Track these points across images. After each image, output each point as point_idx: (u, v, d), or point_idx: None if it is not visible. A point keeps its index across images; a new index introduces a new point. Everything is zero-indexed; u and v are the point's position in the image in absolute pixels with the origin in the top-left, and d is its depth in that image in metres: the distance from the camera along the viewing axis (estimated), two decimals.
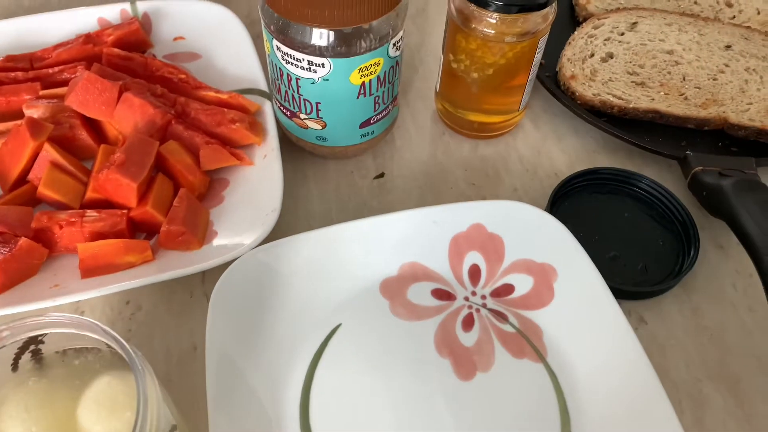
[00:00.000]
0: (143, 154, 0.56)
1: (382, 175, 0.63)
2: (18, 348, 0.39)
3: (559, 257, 0.53)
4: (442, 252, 0.55)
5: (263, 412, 0.47)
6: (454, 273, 0.55)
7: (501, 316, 0.53)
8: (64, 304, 0.52)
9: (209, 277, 0.56)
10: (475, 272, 0.55)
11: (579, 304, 0.51)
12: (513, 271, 0.54)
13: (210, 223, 0.57)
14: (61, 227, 0.54)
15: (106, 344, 0.40)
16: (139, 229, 0.56)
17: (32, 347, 0.39)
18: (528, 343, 0.51)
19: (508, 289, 0.54)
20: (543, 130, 0.67)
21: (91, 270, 0.53)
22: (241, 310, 0.50)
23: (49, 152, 0.57)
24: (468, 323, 0.53)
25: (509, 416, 0.48)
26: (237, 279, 0.50)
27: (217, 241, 0.55)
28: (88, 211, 0.55)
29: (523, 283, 0.54)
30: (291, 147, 0.63)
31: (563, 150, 0.66)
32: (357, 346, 0.51)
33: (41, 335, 0.38)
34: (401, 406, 0.48)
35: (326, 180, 0.63)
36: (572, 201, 0.59)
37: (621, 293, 0.54)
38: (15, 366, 0.40)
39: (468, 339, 0.51)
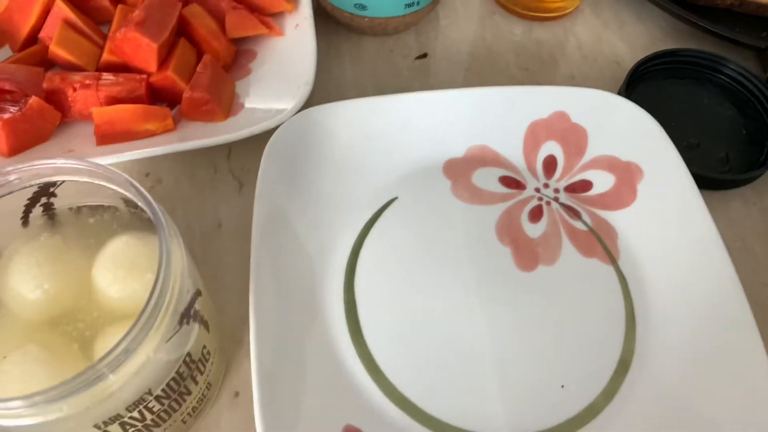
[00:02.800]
0: (164, 14, 0.52)
1: (424, 56, 0.58)
2: (28, 199, 0.36)
3: (648, 158, 0.48)
4: (516, 138, 0.51)
5: (308, 269, 0.45)
6: (526, 162, 0.51)
7: (573, 213, 0.49)
8: None
9: (236, 152, 0.52)
10: (550, 164, 0.51)
11: (664, 209, 0.47)
12: (593, 167, 0.50)
13: (236, 95, 0.53)
14: (75, 90, 0.50)
15: (124, 201, 0.37)
16: (159, 98, 0.52)
17: (43, 200, 0.36)
18: (600, 244, 0.48)
19: (585, 185, 0.50)
20: (603, 16, 0.61)
21: (107, 136, 0.49)
22: (295, 166, 0.48)
23: (61, 8, 0.53)
24: (536, 215, 0.49)
25: (569, 313, 0.45)
26: (293, 134, 0.48)
27: (243, 114, 0.51)
28: (105, 74, 0.51)
29: (602, 181, 0.50)
30: (324, 20, 0.58)
31: (625, 38, 0.60)
32: (412, 221, 0.48)
33: (53, 185, 0.35)
34: (452, 284, 0.46)
35: (362, 58, 0.58)
36: (647, 85, 0.54)
37: (701, 181, 0.49)
38: (25, 220, 0.37)
39: (534, 230, 0.48)
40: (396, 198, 0.50)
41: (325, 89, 0.55)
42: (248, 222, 0.49)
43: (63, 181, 0.35)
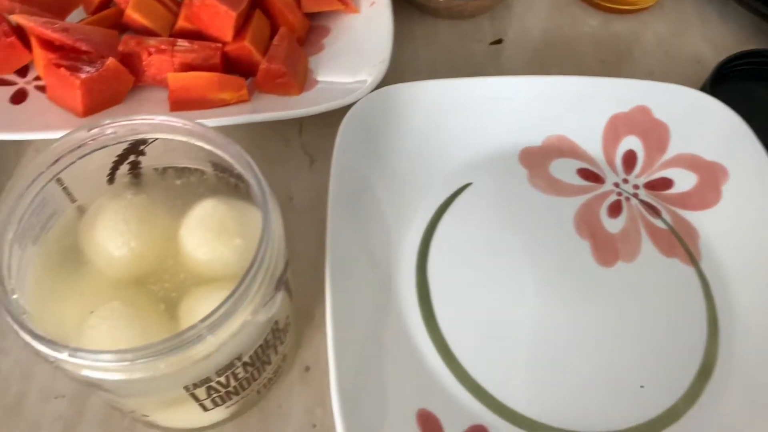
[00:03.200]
0: None
1: (500, 41, 0.57)
2: (117, 156, 0.35)
3: (735, 159, 0.47)
4: (595, 131, 0.50)
5: (382, 247, 0.45)
6: (605, 155, 0.50)
7: (653, 210, 0.48)
8: None
9: (307, 128, 0.52)
10: (630, 159, 0.50)
11: (751, 213, 0.45)
12: (675, 164, 0.49)
13: (309, 71, 0.52)
14: (150, 54, 0.49)
15: (212, 165, 0.36)
16: (232, 69, 0.52)
17: (132, 158, 0.36)
18: (680, 243, 0.46)
19: (666, 183, 0.49)
20: (685, 12, 0.60)
21: (181, 103, 0.49)
22: (369, 144, 0.47)
23: None
24: (615, 210, 0.48)
25: (649, 312, 0.43)
26: (369, 112, 0.47)
27: (317, 90, 0.51)
28: (180, 40, 0.50)
29: (684, 180, 0.48)
30: (398, 2, 0.57)
31: (707, 36, 0.58)
32: (487, 208, 0.48)
33: (144, 142, 0.34)
34: (528, 274, 0.45)
35: (436, 42, 0.57)
36: (731, 86, 0.53)
37: None
38: (111, 178, 0.36)
39: (613, 225, 0.47)
40: (470, 183, 0.49)
41: (398, 71, 0.54)
42: (319, 197, 0.48)
43: (154, 140, 0.34)
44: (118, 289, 0.34)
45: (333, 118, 0.48)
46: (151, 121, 0.33)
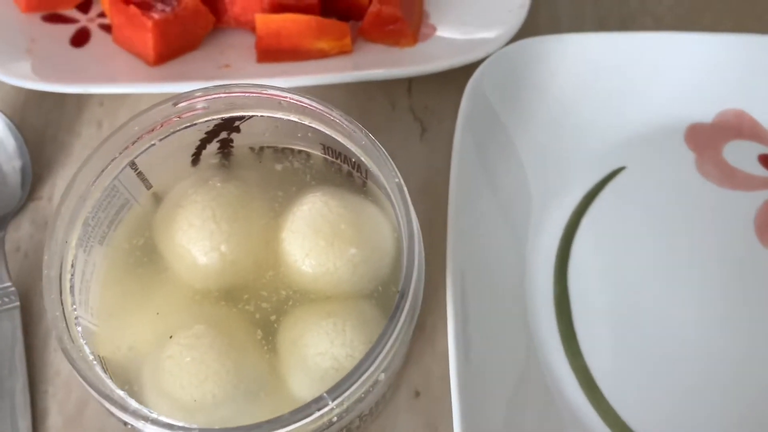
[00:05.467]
0: None
1: None
2: (206, 133, 0.28)
3: None
4: None
5: (512, 248, 0.38)
6: None
7: None
8: None
9: (418, 87, 0.44)
10: None
11: None
12: None
13: (425, 14, 0.44)
14: None
15: (323, 147, 0.29)
16: (331, 10, 0.44)
17: (223, 135, 0.28)
18: None
19: None
20: None
21: (270, 52, 0.41)
22: (500, 112, 0.40)
23: None
24: None
25: None
26: (501, 71, 0.41)
27: (435, 41, 0.42)
28: None
29: None
30: None
31: None
32: (644, 201, 0.40)
33: (241, 118, 0.27)
34: (695, 287, 0.37)
35: None
36: None
37: None
38: (197, 158, 0.29)
39: None
40: (623, 168, 0.40)
41: (533, 17, 0.45)
42: (431, 176, 0.42)
43: (253, 116, 0.27)
44: (204, 306, 0.27)
45: (453, 75, 0.41)
46: (253, 94, 0.25)
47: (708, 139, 0.41)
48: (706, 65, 0.42)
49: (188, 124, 0.26)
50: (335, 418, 0.22)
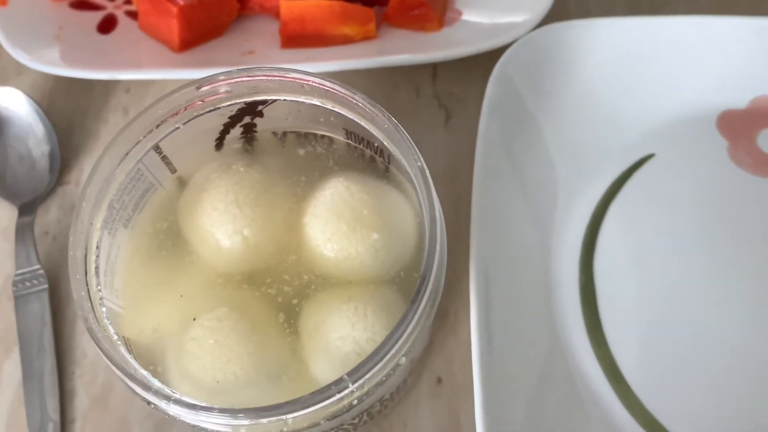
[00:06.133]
0: None
1: None
2: (230, 117, 0.28)
3: None
4: None
5: (538, 236, 0.38)
6: None
7: None
8: None
9: (443, 73, 0.43)
10: None
11: None
12: None
13: None
14: None
15: (346, 132, 0.29)
16: None
17: (247, 119, 0.29)
18: None
19: None
20: None
21: (294, 38, 0.41)
22: (527, 99, 0.40)
23: None
24: None
25: None
26: (528, 57, 0.40)
27: (460, 25, 0.42)
28: None
29: None
30: None
31: None
32: (673, 189, 0.39)
33: (264, 102, 0.27)
34: (727, 280, 0.36)
35: None
36: None
37: None
38: (220, 142, 0.30)
39: None
40: (652, 155, 0.40)
41: (562, 2, 0.44)
42: (456, 163, 0.42)
43: (276, 100, 0.27)
44: (227, 289, 0.28)
45: (476, 59, 0.40)
46: (276, 77, 0.26)
47: (741, 126, 0.40)
48: (740, 50, 0.41)
49: (211, 108, 0.27)
50: (356, 401, 0.22)
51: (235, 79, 0.25)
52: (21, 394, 0.35)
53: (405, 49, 0.41)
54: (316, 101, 0.26)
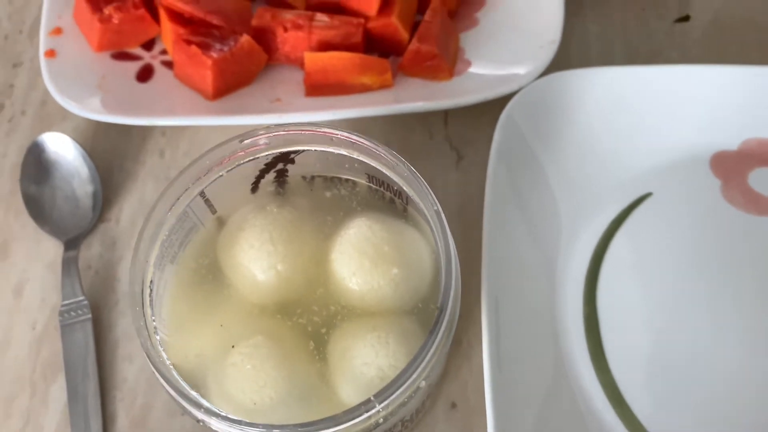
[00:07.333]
0: None
1: (686, 18, 0.49)
2: (265, 164, 0.32)
3: None
4: None
5: (543, 271, 0.40)
6: None
7: None
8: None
9: (454, 118, 0.47)
10: None
11: None
12: None
13: (460, 50, 0.47)
14: (285, 30, 0.45)
15: (368, 176, 0.32)
16: (373, 48, 0.47)
17: (280, 165, 0.32)
18: None
19: None
20: None
21: (317, 87, 0.45)
22: (532, 142, 0.42)
23: None
24: None
25: None
26: (533, 103, 0.43)
27: (470, 75, 0.45)
28: (318, 14, 0.46)
29: None
30: None
31: None
32: (670, 226, 0.41)
33: (296, 152, 0.31)
34: (724, 312, 0.39)
35: (609, 17, 0.50)
36: None
37: None
38: (255, 186, 0.33)
39: None
40: (650, 194, 0.42)
41: (564, 51, 0.47)
42: (467, 201, 0.45)
43: (307, 150, 0.31)
44: (262, 319, 0.31)
45: (485, 106, 0.43)
46: (309, 132, 0.29)
47: (733, 167, 0.43)
48: (730, 96, 0.43)
49: (251, 158, 0.30)
50: (381, 420, 0.25)
51: (273, 134, 0.29)
52: (67, 415, 0.38)
53: (419, 97, 0.44)
54: (343, 151, 0.30)
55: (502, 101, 0.42)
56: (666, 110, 0.43)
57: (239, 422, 0.24)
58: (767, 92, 0.43)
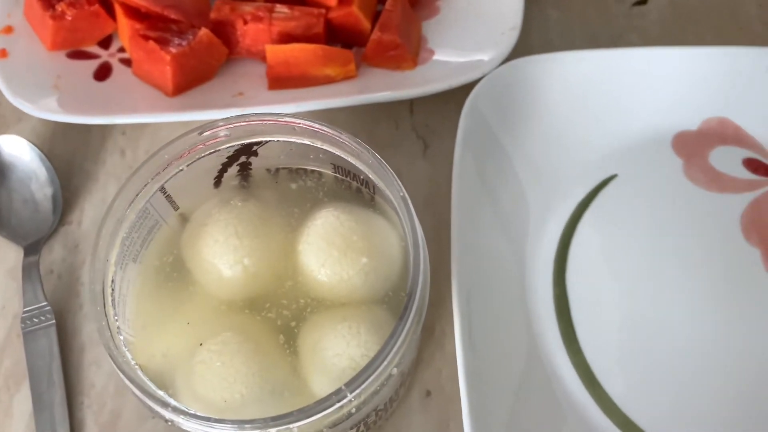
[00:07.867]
0: None
1: (644, 2, 0.49)
2: (227, 158, 0.31)
3: None
4: (766, 113, 0.43)
5: (513, 254, 0.40)
6: None
7: None
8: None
9: (420, 107, 0.46)
10: None
11: None
12: None
13: (423, 39, 0.46)
14: (245, 22, 0.44)
15: (333, 167, 0.32)
16: (335, 39, 0.47)
17: (242, 159, 0.31)
18: None
19: None
20: None
21: (280, 80, 0.44)
22: (496, 129, 0.42)
23: None
24: None
25: None
26: (496, 90, 0.42)
27: (433, 63, 0.45)
28: (278, 5, 0.45)
29: None
30: None
31: None
32: (635, 206, 0.42)
33: (259, 143, 0.30)
34: (684, 286, 0.39)
35: (568, 2, 0.50)
36: None
37: None
38: (218, 181, 0.32)
39: None
40: (615, 176, 0.43)
41: (526, 37, 0.48)
42: (435, 190, 0.44)
43: (270, 141, 0.30)
44: (230, 315, 0.30)
45: (450, 94, 0.43)
46: (270, 121, 0.28)
47: (694, 146, 0.44)
48: (689, 76, 0.44)
49: (212, 151, 0.29)
50: (354, 410, 0.24)
51: (234, 125, 0.28)
52: (32, 426, 0.37)
53: (383, 87, 0.43)
54: (306, 141, 0.29)
55: (467, 89, 0.42)
56: (628, 92, 0.44)
57: (208, 419, 0.23)
58: (725, 72, 0.43)
